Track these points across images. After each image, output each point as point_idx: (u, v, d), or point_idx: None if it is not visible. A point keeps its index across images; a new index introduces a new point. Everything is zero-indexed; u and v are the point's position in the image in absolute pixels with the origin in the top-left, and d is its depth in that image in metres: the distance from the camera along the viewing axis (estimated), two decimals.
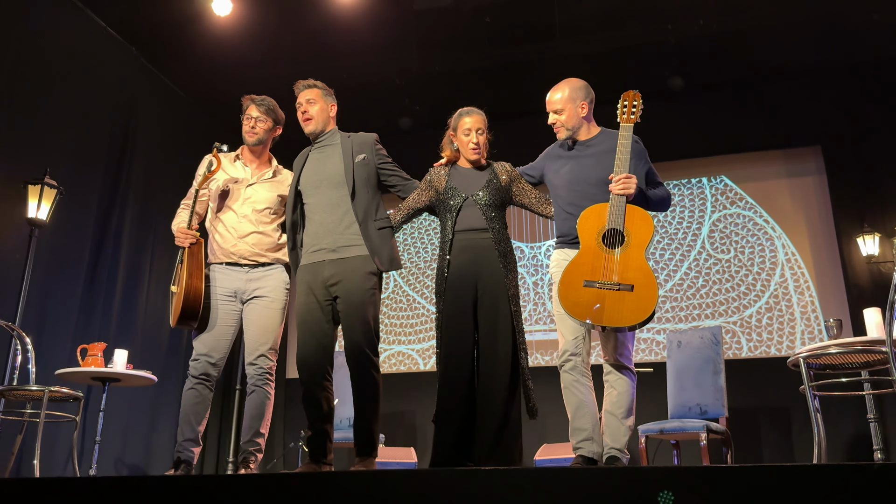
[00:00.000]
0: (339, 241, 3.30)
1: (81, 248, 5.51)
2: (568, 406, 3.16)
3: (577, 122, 3.33)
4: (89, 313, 5.50)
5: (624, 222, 3.03)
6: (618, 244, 3.02)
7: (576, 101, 3.32)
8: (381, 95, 6.82)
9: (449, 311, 3.20)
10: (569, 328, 3.13)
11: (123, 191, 5.95)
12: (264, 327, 3.44)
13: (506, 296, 3.18)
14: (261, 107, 3.61)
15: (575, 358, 3.13)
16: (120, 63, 6.01)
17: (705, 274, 6.74)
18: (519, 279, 3.70)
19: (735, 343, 6.49)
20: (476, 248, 3.24)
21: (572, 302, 2.98)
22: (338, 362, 5.58)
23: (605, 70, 6.33)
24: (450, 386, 3.12)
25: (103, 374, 4.46)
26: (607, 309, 2.95)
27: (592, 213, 3.08)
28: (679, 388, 5.06)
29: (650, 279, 2.98)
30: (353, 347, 3.20)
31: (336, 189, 3.35)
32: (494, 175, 3.34)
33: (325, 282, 3.28)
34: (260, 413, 3.38)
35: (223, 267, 3.51)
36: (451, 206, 3.31)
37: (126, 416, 5.75)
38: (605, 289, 2.96)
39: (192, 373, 3.39)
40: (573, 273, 3.02)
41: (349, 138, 3.46)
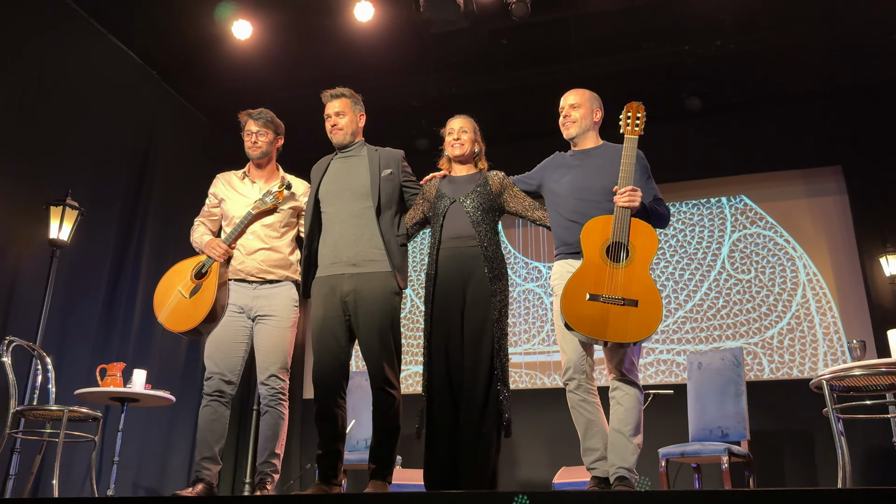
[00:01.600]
0: (361, 254, 3.26)
1: (101, 268, 5.56)
2: (578, 426, 3.12)
3: (589, 126, 3.34)
4: (108, 333, 5.55)
5: (629, 236, 3.01)
6: (622, 258, 2.99)
7: (592, 104, 3.35)
8: (398, 117, 6.86)
9: (436, 328, 3.18)
10: (571, 345, 3.10)
11: (143, 212, 6.01)
12: (273, 347, 3.42)
13: (490, 315, 3.13)
14: (258, 120, 3.61)
15: (578, 377, 3.10)
16: (141, 87, 6.11)
17: (726, 294, 6.68)
18: (535, 298, 3.68)
19: (756, 364, 6.42)
20: (463, 257, 3.21)
21: (575, 316, 2.93)
22: (353, 383, 5.58)
23: (621, 91, 6.31)
24: (436, 404, 3.10)
25: (122, 394, 4.49)
26: (611, 324, 2.91)
27: (597, 224, 3.05)
28: (700, 410, 5.00)
29: (655, 295, 2.95)
30: (376, 372, 3.18)
31: (359, 201, 3.32)
32: (485, 181, 3.34)
33: (343, 296, 3.25)
34: (274, 434, 3.37)
35: (232, 283, 3.52)
36: (438, 211, 3.30)
37: (143, 436, 5.77)
38: (609, 303, 2.92)
39: (207, 391, 3.40)
40: (576, 286, 2.97)
41: (376, 151, 3.45)
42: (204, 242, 3.60)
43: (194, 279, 3.53)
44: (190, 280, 3.54)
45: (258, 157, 3.62)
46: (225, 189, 3.68)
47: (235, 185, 3.67)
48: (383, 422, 3.19)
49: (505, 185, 3.37)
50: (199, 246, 3.66)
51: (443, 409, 3.09)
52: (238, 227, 3.51)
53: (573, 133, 3.34)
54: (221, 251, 3.49)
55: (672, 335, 6.67)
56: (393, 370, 3.20)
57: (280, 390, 3.41)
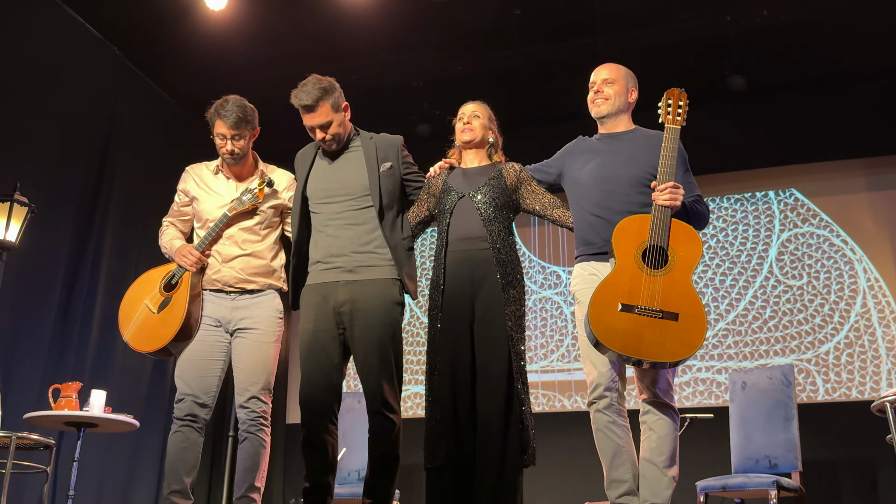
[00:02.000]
0: (358, 259, 3.26)
1: (54, 273, 5.57)
2: (602, 454, 3.10)
3: (622, 106, 3.35)
4: (62, 348, 5.55)
5: (669, 239, 2.99)
6: (661, 264, 2.97)
7: (628, 82, 3.36)
8: (396, 99, 6.87)
9: (442, 343, 3.19)
10: (601, 359, 3.07)
11: (103, 210, 6.02)
12: (254, 365, 3.42)
13: (504, 329, 3.13)
14: (229, 119, 3.48)
15: (609, 394, 3.07)
16: (100, 64, 6.12)
17: (773, 303, 6.66)
18: (553, 307, 3.68)
19: (809, 384, 6.40)
20: (473, 262, 3.21)
21: (605, 328, 2.89)
22: (344, 405, 5.57)
23: (654, 69, 6.31)
24: (442, 429, 3.10)
25: (78, 418, 4.48)
26: (647, 340, 2.87)
27: (632, 224, 3.03)
28: (744, 437, 4.99)
29: (698, 308, 2.93)
30: (373, 394, 3.17)
31: (356, 200, 3.31)
32: (499, 174, 3.34)
33: (337, 307, 3.24)
34: (254, 464, 3.37)
35: (207, 293, 3.52)
36: (445, 208, 3.30)
37: (102, 466, 5.77)
38: (644, 315, 2.90)
39: (178, 414, 3.40)
40: (606, 294, 2.94)
41: (371, 140, 3.41)
42: (174, 249, 3.60)
43: (163, 291, 3.53)
44: (159, 292, 3.54)
45: (232, 162, 3.60)
46: (196, 186, 3.66)
47: (208, 180, 3.65)
48: (380, 450, 3.19)
49: (522, 179, 3.38)
50: (168, 252, 3.66)
51: (449, 437, 3.09)
52: (212, 231, 3.50)
53: (604, 112, 3.34)
54: (193, 259, 3.49)
55: (712, 350, 6.65)
56: (393, 391, 3.20)
57: (261, 414, 3.41)
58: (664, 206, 3.00)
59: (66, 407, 4.45)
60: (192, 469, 3.36)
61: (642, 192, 3.16)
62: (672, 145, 3.09)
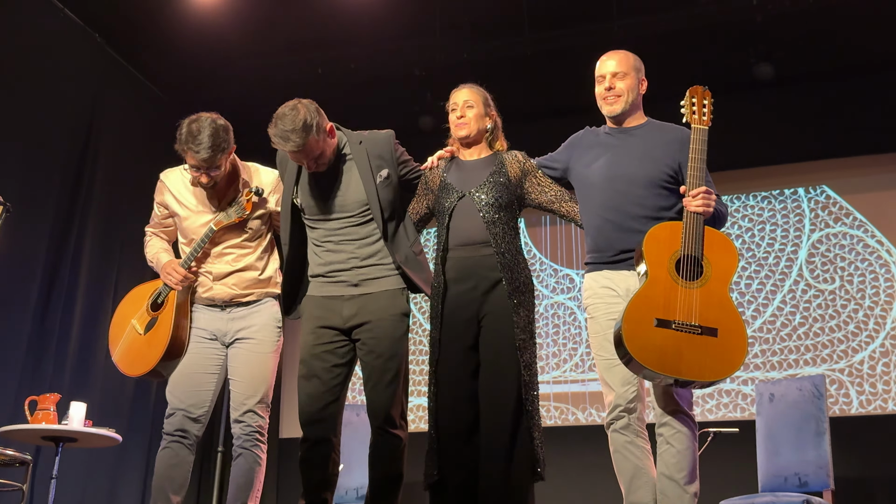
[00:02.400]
0: (363, 272, 3.27)
1: (31, 277, 5.57)
2: (621, 475, 3.12)
3: (635, 98, 3.33)
4: (39, 358, 5.55)
5: (703, 248, 3.00)
6: (696, 276, 2.97)
7: (639, 71, 3.34)
8: (397, 90, 6.87)
9: (444, 354, 3.20)
10: (619, 377, 3.09)
11: (83, 208, 6.03)
12: (251, 377, 3.44)
13: (512, 337, 3.14)
14: (199, 153, 3.27)
15: (628, 415, 3.09)
16: (81, 53, 6.12)
17: (803, 309, 6.65)
18: (566, 313, 3.69)
19: (842, 396, 6.38)
20: (476, 269, 3.20)
21: (640, 346, 2.89)
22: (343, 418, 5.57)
23: (674, 56, 6.32)
24: (441, 444, 3.12)
25: (56, 432, 4.49)
26: (686, 357, 2.88)
27: (662, 232, 3.03)
28: (772, 452, 4.98)
29: (738, 322, 2.95)
30: (378, 408, 3.20)
31: (356, 217, 3.29)
32: (502, 167, 3.31)
33: (343, 321, 3.27)
34: (248, 482, 3.39)
35: (199, 307, 3.54)
36: (443, 208, 3.28)
37: (82, 484, 5.77)
38: (682, 331, 2.91)
39: (167, 429, 3.41)
40: (640, 307, 2.94)
41: (361, 145, 3.33)
42: (160, 264, 3.59)
43: (150, 311, 3.56)
44: (146, 311, 3.58)
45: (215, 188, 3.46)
46: (175, 201, 3.59)
47: (186, 196, 3.56)
48: (383, 468, 3.21)
49: (527, 170, 3.35)
50: (154, 266, 3.66)
51: (449, 453, 3.11)
52: (197, 247, 3.49)
53: (618, 110, 3.32)
54: (178, 278, 3.48)
55: None
56: (399, 405, 3.22)
57: (258, 429, 3.43)
58: (697, 212, 3.01)
59: (43, 420, 4.45)
60: (180, 488, 3.37)
61: (658, 194, 3.17)
62: (701, 147, 3.09)
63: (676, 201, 3.16)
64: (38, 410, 4.49)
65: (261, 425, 3.44)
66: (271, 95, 3.74)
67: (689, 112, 3.16)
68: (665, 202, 3.17)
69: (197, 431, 3.43)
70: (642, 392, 3.14)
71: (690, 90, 3.19)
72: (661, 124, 3.35)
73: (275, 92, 3.81)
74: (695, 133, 3.11)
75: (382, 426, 3.20)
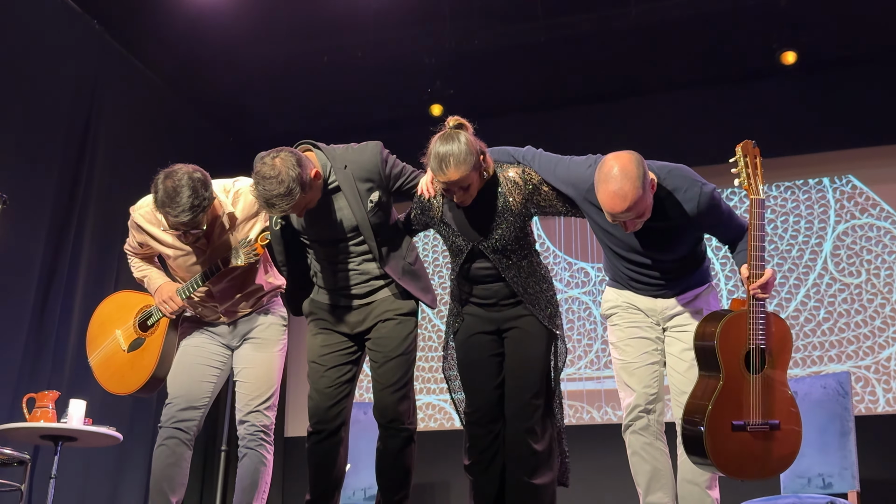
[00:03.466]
0: (368, 285, 3.31)
1: (29, 272, 5.58)
2: (638, 477, 3.15)
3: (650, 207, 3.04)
4: (38, 354, 5.56)
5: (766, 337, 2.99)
6: (762, 366, 2.96)
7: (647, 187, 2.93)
8: (405, 77, 6.85)
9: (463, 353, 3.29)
10: (638, 381, 3.13)
11: (83, 201, 6.03)
12: (257, 376, 3.46)
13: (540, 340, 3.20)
14: (178, 217, 3.15)
15: (647, 416, 3.12)
16: (80, 41, 6.12)
17: (828, 304, 6.62)
18: (581, 308, 3.68)
19: (868, 394, 6.35)
20: (496, 297, 3.24)
21: (720, 451, 2.90)
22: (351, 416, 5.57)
23: (692, 43, 6.28)
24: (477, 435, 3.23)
25: (55, 430, 4.50)
26: (755, 456, 2.93)
27: (732, 327, 2.97)
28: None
29: (795, 412, 2.98)
30: (386, 408, 3.23)
31: (350, 241, 3.28)
32: (504, 204, 3.15)
33: (352, 328, 3.32)
34: (253, 483, 3.41)
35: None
36: (454, 249, 3.25)
37: (82, 484, 5.79)
38: (754, 431, 2.93)
39: (164, 420, 3.42)
40: (720, 413, 2.91)
41: (346, 170, 3.20)
42: (153, 286, 3.54)
43: (137, 329, 3.57)
44: (133, 328, 3.58)
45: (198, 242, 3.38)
46: (156, 242, 3.49)
47: (166, 238, 3.45)
48: (392, 468, 3.23)
49: (531, 190, 3.17)
50: (145, 285, 3.63)
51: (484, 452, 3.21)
52: (196, 282, 3.43)
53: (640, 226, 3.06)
54: (174, 308, 3.48)
55: None
56: (407, 401, 3.26)
57: (263, 429, 3.46)
58: (762, 299, 2.96)
59: (41, 419, 4.47)
60: (179, 487, 3.38)
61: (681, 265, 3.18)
62: (760, 223, 2.93)
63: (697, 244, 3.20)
64: (37, 408, 4.51)
65: (266, 425, 3.46)
66: (275, 84, 3.76)
67: (745, 178, 2.97)
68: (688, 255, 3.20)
69: (195, 423, 3.44)
70: (661, 393, 3.15)
71: (742, 147, 3.00)
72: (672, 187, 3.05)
73: (278, 81, 3.81)
74: (753, 205, 2.94)
75: (390, 425, 3.22)
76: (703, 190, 2.98)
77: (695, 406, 2.97)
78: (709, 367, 3.00)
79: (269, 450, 3.47)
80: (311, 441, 3.28)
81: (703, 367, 3.03)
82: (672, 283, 3.20)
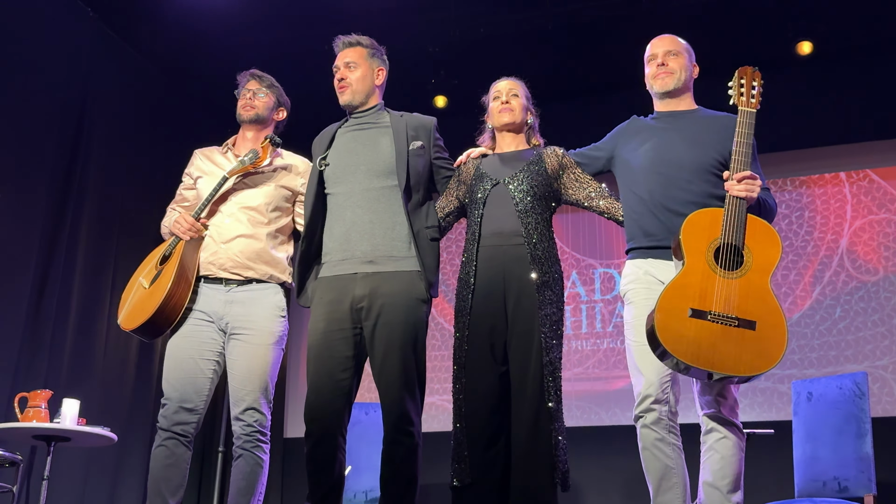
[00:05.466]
0: (380, 248, 3.27)
1: (24, 266, 5.59)
2: (649, 475, 3.13)
3: (688, 81, 3.40)
4: (34, 351, 5.56)
5: (745, 237, 2.99)
6: (736, 265, 2.97)
7: (692, 57, 3.42)
8: (408, 67, 6.81)
9: (470, 352, 3.25)
10: (651, 367, 3.09)
11: (78, 190, 6.03)
12: (251, 371, 3.43)
13: (537, 335, 3.19)
14: (262, 80, 3.75)
15: (659, 407, 3.10)
16: (72, 27, 6.11)
17: (844, 302, 6.61)
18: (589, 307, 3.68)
19: (886, 395, 6.35)
20: (505, 260, 3.26)
21: (674, 335, 2.90)
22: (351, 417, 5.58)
23: (709, 32, 6.27)
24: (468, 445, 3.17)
25: (47, 430, 4.50)
26: (720, 350, 2.87)
27: (703, 219, 3.04)
28: (810, 455, 4.96)
29: (778, 316, 2.94)
30: (391, 405, 3.19)
31: (379, 179, 3.32)
32: (539, 158, 3.39)
33: (354, 303, 3.24)
34: (249, 485, 3.39)
35: (200, 283, 3.53)
36: (477, 198, 3.33)
37: (77, 485, 5.79)
38: (718, 322, 2.90)
39: (162, 424, 3.41)
40: (674, 296, 2.95)
41: (402, 118, 3.46)
42: (172, 220, 3.65)
43: (157, 265, 3.57)
44: (154, 266, 3.58)
45: (250, 120, 3.72)
46: (203, 164, 3.75)
47: (216, 159, 3.74)
48: (397, 470, 3.20)
49: (564, 165, 3.42)
50: (169, 228, 3.70)
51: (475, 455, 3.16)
52: (210, 195, 3.53)
53: (671, 86, 3.36)
54: (187, 226, 3.50)
55: None
56: (414, 402, 3.22)
57: (259, 428, 3.43)
58: (740, 196, 3.01)
59: (33, 418, 4.45)
60: (177, 489, 3.38)
61: (707, 181, 3.19)
62: (747, 130, 3.11)
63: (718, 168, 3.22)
64: (29, 408, 4.50)
65: (261, 423, 3.43)
66: (275, 74, 3.76)
67: (736, 94, 3.19)
68: (714, 189, 3.18)
69: (194, 424, 3.43)
70: (677, 386, 3.14)
71: (739, 71, 3.22)
72: (712, 112, 3.39)
73: (278, 70, 3.81)
74: (741, 115, 3.14)
75: (397, 425, 3.19)
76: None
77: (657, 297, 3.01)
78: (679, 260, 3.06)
79: (265, 450, 3.45)
80: (308, 444, 3.24)
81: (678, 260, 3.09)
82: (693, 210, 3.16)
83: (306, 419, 3.25)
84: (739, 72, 3.21)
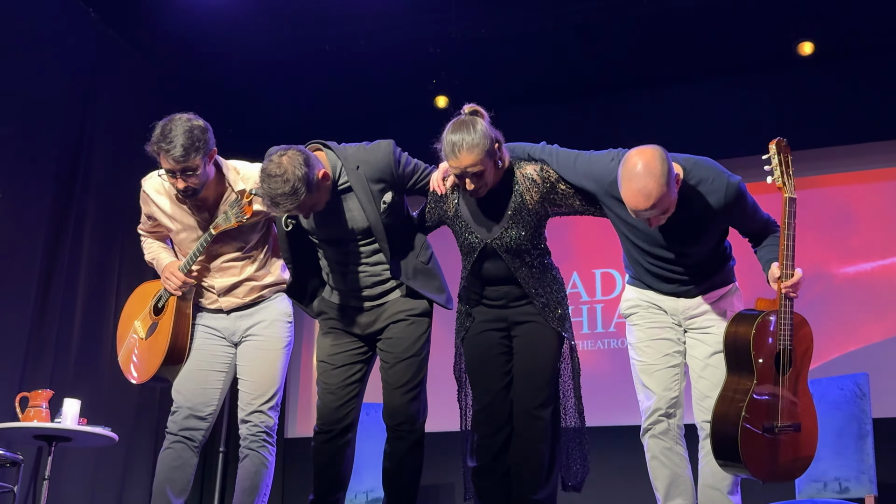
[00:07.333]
0: (380, 287, 3.33)
1: (29, 267, 5.59)
2: (657, 483, 3.17)
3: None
4: (39, 351, 5.57)
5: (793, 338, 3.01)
6: (789, 366, 3.00)
7: (672, 183, 2.93)
8: (409, 68, 6.84)
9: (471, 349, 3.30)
10: (659, 381, 3.15)
11: (81, 192, 6.04)
12: (259, 375, 3.47)
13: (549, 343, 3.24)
14: (171, 151, 3.21)
15: (667, 420, 3.14)
16: (74, 29, 6.11)
17: (845, 301, 6.60)
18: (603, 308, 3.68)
19: (887, 396, 6.34)
20: (506, 298, 3.26)
21: (754, 457, 2.94)
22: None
23: (709, 32, 6.26)
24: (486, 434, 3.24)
25: (48, 430, 4.50)
26: (780, 459, 2.98)
27: (764, 328, 3.00)
28: None
29: (813, 413, 3.04)
30: (395, 411, 3.27)
31: (362, 241, 3.30)
32: (520, 200, 3.17)
33: (363, 329, 3.34)
34: (254, 485, 3.42)
35: (204, 313, 3.57)
36: (465, 248, 3.27)
37: (80, 486, 5.79)
38: (781, 433, 2.97)
39: (171, 428, 3.44)
40: (753, 415, 2.95)
41: (358, 170, 3.21)
42: (161, 265, 3.59)
43: (152, 314, 3.59)
44: (149, 314, 3.60)
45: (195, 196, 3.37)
46: (160, 213, 3.54)
47: (171, 208, 3.49)
48: (400, 471, 3.27)
49: (547, 187, 3.20)
50: (154, 267, 3.68)
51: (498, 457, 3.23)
52: (195, 254, 3.44)
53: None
54: (177, 284, 3.47)
55: None
56: (418, 403, 3.29)
57: (266, 430, 3.48)
58: (792, 297, 2.99)
59: (34, 418, 4.45)
60: (182, 491, 3.41)
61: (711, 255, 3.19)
62: (791, 221, 2.99)
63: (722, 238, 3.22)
64: (30, 408, 4.50)
65: (269, 426, 3.48)
66: (275, 74, 3.75)
67: (779, 176, 3.04)
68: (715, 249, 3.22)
69: (203, 432, 3.46)
70: (682, 396, 3.16)
71: (775, 145, 3.07)
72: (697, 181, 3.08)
73: (279, 71, 3.81)
74: (788, 205, 3.01)
75: (400, 427, 3.26)
76: (730, 181, 3.01)
77: (726, 409, 2.98)
78: (740, 369, 3.01)
79: (272, 451, 3.49)
80: (317, 440, 3.32)
81: (732, 368, 3.04)
82: (696, 280, 3.19)
83: (319, 419, 3.35)
84: (776, 146, 3.07)
